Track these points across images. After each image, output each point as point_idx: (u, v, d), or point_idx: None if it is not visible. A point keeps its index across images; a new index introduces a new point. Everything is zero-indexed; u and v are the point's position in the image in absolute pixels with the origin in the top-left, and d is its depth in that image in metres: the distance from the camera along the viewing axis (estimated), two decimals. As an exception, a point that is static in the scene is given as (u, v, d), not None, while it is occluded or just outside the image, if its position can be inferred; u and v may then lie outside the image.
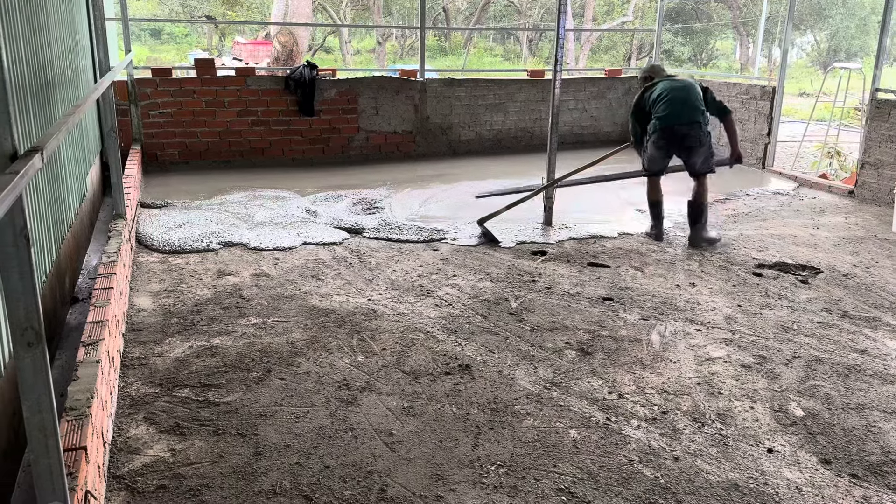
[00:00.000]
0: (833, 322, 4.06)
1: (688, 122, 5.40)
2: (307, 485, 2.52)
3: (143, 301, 4.14)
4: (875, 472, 2.69)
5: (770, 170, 8.40)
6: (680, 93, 5.50)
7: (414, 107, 8.76)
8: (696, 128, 5.40)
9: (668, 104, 5.46)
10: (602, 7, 27.32)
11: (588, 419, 2.99)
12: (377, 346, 3.63)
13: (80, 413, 2.34)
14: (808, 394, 3.25)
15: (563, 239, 5.56)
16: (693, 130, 5.40)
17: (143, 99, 7.59)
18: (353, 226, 5.72)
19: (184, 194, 6.59)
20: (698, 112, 5.43)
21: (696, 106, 5.44)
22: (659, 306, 4.23)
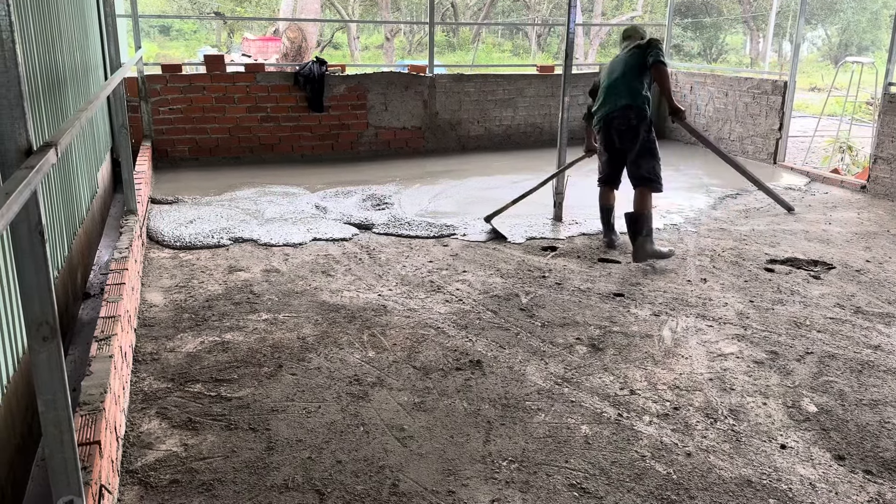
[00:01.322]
0: (846, 318, 4.04)
1: (617, 108, 4.93)
2: (319, 479, 2.52)
3: (154, 296, 4.15)
4: (889, 468, 2.67)
5: (781, 165, 8.35)
6: (612, 74, 5.03)
7: (423, 102, 8.75)
8: (626, 110, 4.88)
9: (602, 91, 5.10)
10: (611, 1, 27.21)
11: (600, 415, 2.98)
12: (388, 341, 3.63)
13: (94, 408, 2.35)
14: (822, 390, 3.23)
15: (574, 234, 5.54)
16: (621, 113, 4.90)
17: (153, 95, 7.61)
18: (362, 221, 5.72)
19: (194, 190, 6.61)
20: (626, 92, 4.90)
21: (625, 86, 4.91)
22: (670, 302, 4.21)
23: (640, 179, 4.91)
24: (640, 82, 4.91)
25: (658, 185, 4.94)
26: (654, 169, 4.91)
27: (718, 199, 6.73)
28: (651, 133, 4.95)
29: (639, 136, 4.88)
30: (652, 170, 4.90)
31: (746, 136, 8.80)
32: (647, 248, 4.75)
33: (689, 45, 27.02)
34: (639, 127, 4.88)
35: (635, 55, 4.94)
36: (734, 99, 8.94)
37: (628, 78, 4.93)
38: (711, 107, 9.29)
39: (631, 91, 4.90)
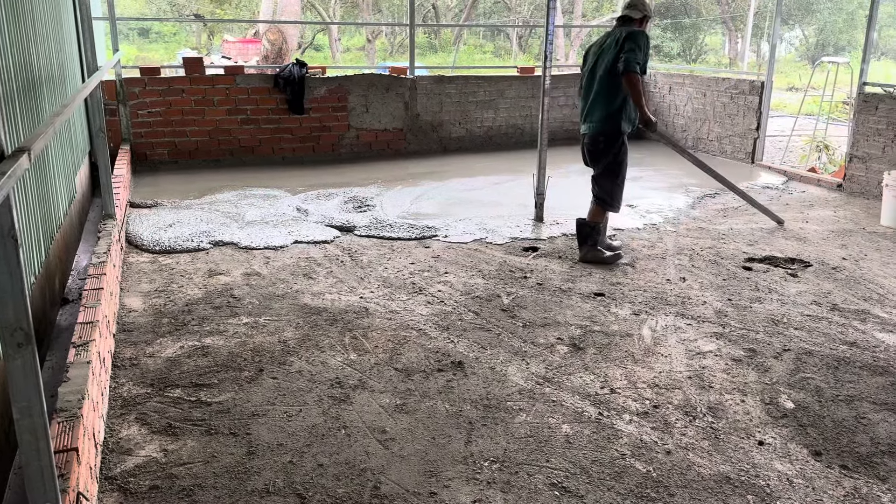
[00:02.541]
0: (823, 315, 4.09)
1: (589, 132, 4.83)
2: (300, 483, 2.52)
3: (133, 301, 4.12)
4: (865, 462, 2.71)
5: (759, 164, 8.44)
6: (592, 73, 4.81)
7: (404, 104, 8.75)
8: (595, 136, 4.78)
9: (582, 99, 4.96)
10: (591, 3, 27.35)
11: (580, 414, 3.00)
12: (369, 343, 3.63)
13: (71, 414, 2.33)
14: (799, 386, 3.27)
15: (555, 235, 5.57)
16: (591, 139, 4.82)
17: (131, 98, 7.55)
18: (344, 224, 5.71)
19: (174, 194, 6.57)
20: (599, 113, 4.73)
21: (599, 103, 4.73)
22: (650, 301, 4.25)
23: (596, 197, 4.97)
24: (614, 100, 4.68)
25: (610, 206, 4.93)
26: (610, 190, 4.88)
27: (697, 198, 6.79)
28: (619, 154, 4.80)
29: (603, 158, 4.82)
30: (608, 191, 4.88)
31: (724, 136, 8.89)
32: (587, 256, 4.93)
33: (669, 46, 27.22)
34: (606, 150, 4.79)
35: (612, 52, 4.63)
36: (712, 99, 9.02)
37: (605, 94, 4.70)
38: (690, 107, 9.37)
39: (607, 114, 4.70)
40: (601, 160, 4.85)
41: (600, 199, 4.93)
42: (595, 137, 4.79)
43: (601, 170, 4.89)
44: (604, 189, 4.90)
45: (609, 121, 4.71)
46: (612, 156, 4.81)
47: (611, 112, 4.70)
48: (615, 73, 4.59)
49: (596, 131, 4.78)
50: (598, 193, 4.94)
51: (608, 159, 4.82)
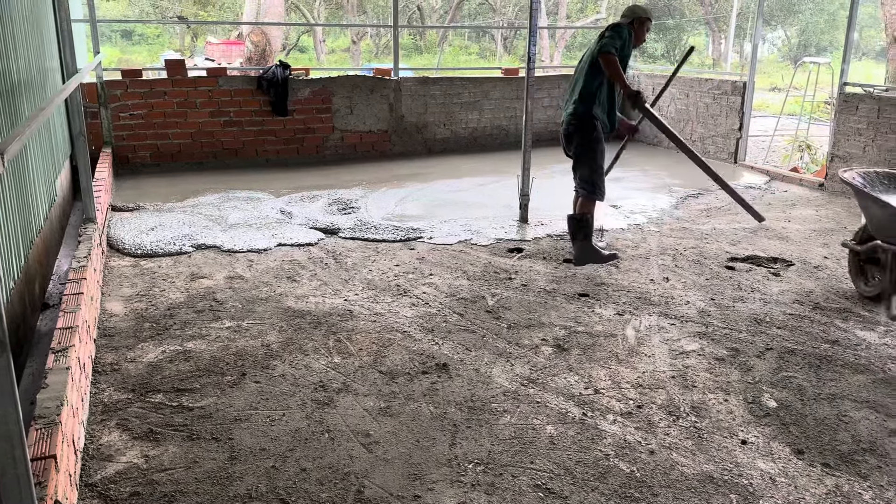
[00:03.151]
0: (805, 314, 4.12)
1: (564, 115, 4.97)
2: (283, 488, 2.50)
3: (114, 306, 4.08)
4: (847, 460, 2.73)
5: (742, 164, 8.50)
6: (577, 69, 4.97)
7: (389, 106, 8.74)
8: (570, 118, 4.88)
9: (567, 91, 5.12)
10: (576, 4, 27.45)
11: (565, 415, 3.00)
12: (354, 346, 3.62)
13: (50, 421, 2.30)
14: (781, 385, 3.29)
15: (540, 236, 5.57)
16: (565, 121, 4.93)
17: (113, 101, 7.48)
18: (328, 226, 5.69)
19: (156, 197, 6.52)
20: (574, 98, 4.87)
21: (577, 91, 4.86)
22: (634, 301, 4.26)
23: (577, 188, 5.02)
24: (591, 82, 4.79)
25: (592, 193, 4.91)
26: (588, 177, 4.89)
27: (681, 198, 6.82)
28: (589, 140, 4.83)
29: (575, 140, 4.88)
30: (587, 178, 4.90)
31: (707, 136, 8.94)
32: (580, 255, 4.91)
33: (653, 47, 27.36)
34: (574, 135, 4.87)
35: (594, 44, 4.81)
36: (695, 100, 9.07)
37: (583, 79, 4.83)
38: (673, 108, 9.42)
39: (580, 96, 4.82)
40: (573, 144, 4.91)
41: (582, 189, 4.96)
42: (569, 121, 4.88)
43: (575, 156, 4.94)
44: (582, 177, 4.94)
45: (581, 103, 4.80)
46: (583, 138, 4.84)
47: (584, 95, 4.79)
48: (592, 66, 4.75)
49: (569, 114, 4.88)
50: (578, 183, 4.98)
51: (578, 141, 4.86)
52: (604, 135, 4.91)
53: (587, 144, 4.87)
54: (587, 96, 4.80)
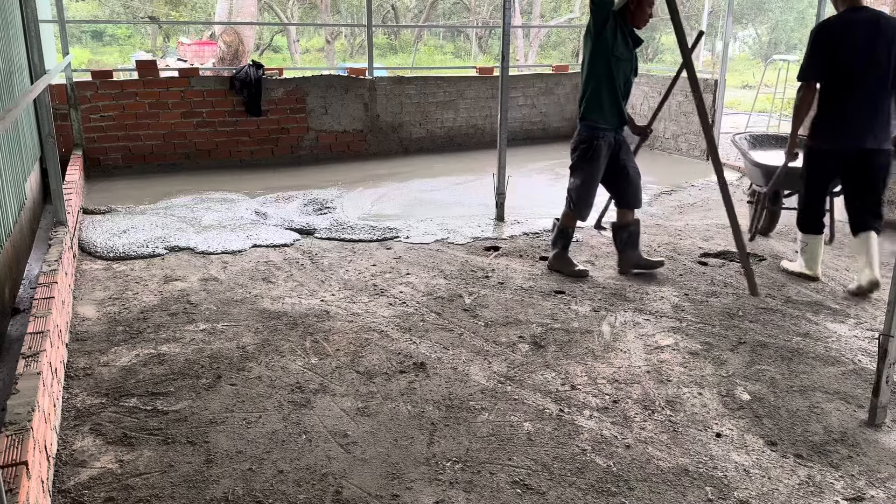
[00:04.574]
0: (777, 307, 4.18)
1: None
2: (260, 490, 2.48)
3: (87, 310, 4.03)
4: (818, 451, 2.78)
5: (715, 161, 8.58)
6: None
7: (364, 105, 8.71)
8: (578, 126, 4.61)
9: None
10: (549, 3, 27.57)
11: (542, 411, 3.02)
12: (331, 347, 3.60)
13: (21, 427, 2.26)
14: (754, 378, 3.33)
15: (516, 234, 5.59)
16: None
17: (83, 102, 7.38)
18: (304, 227, 5.66)
19: (128, 199, 6.43)
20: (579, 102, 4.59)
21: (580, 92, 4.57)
22: (609, 297, 4.29)
23: None
24: (586, 84, 4.44)
25: (572, 208, 4.63)
26: (572, 192, 4.61)
27: (654, 195, 6.89)
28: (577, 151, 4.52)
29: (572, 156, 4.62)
30: (571, 192, 4.63)
31: (680, 134, 9.03)
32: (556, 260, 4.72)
33: (626, 46, 27.53)
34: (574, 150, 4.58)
35: None
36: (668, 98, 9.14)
37: (581, 82, 4.50)
38: (646, 106, 9.49)
39: (584, 104, 4.48)
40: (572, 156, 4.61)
41: (567, 200, 4.68)
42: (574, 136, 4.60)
43: (570, 167, 4.66)
44: (569, 190, 4.66)
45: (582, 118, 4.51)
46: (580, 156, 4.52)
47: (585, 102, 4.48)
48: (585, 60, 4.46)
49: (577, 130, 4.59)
50: (567, 194, 4.68)
51: (575, 158, 4.56)
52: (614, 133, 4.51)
53: (582, 161, 4.51)
54: (587, 104, 4.44)
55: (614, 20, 4.30)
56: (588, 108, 4.44)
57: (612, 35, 4.30)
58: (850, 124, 4.24)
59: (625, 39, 4.38)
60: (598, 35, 4.30)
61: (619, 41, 4.34)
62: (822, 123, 4.35)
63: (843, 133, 4.26)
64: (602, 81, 4.37)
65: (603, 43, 4.31)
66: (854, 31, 4.19)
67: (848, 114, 4.24)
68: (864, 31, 4.17)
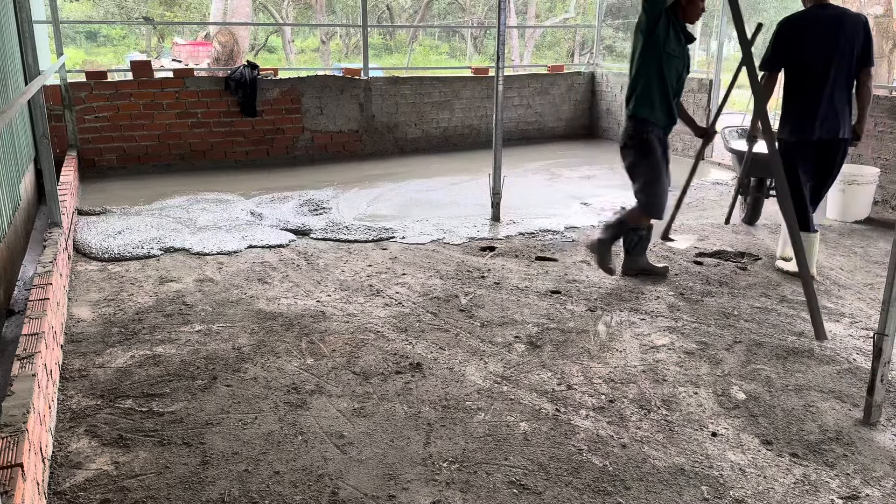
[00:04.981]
0: (772, 307, 4.19)
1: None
2: (256, 492, 2.48)
3: (82, 311, 4.02)
4: (814, 450, 2.79)
5: (709, 161, 8.61)
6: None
7: (359, 105, 8.71)
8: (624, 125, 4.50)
9: None
10: (545, 4, 27.59)
11: (538, 411, 3.02)
12: (327, 347, 3.60)
13: (16, 429, 2.25)
14: (750, 377, 3.34)
15: (512, 234, 5.59)
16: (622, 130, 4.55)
17: (77, 103, 7.36)
18: (299, 227, 5.66)
19: (123, 200, 6.42)
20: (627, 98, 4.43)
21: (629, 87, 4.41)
22: (605, 297, 4.30)
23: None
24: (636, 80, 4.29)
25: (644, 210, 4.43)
26: (638, 192, 4.43)
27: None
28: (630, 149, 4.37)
29: (626, 159, 4.45)
30: (638, 192, 4.43)
31: (675, 134, 9.02)
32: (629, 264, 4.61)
33: (621, 46, 27.61)
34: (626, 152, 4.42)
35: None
36: (663, 97, 9.16)
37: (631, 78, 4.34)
38: (642, 105, 9.50)
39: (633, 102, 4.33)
40: (626, 159, 4.47)
41: (636, 199, 4.48)
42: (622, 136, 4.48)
43: (629, 171, 4.50)
44: (636, 190, 4.44)
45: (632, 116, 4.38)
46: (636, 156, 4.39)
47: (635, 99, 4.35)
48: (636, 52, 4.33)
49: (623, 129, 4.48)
50: (634, 194, 4.48)
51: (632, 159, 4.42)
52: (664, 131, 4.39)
53: (639, 159, 4.36)
54: (638, 101, 4.29)
55: (666, 16, 4.18)
56: (638, 105, 4.29)
57: (665, 32, 4.18)
58: (812, 116, 4.36)
59: (677, 36, 4.25)
60: (650, 32, 4.18)
61: (672, 38, 4.21)
62: (787, 116, 4.49)
63: (807, 124, 4.38)
64: (653, 79, 4.24)
65: (655, 40, 4.18)
66: (816, 27, 4.33)
67: (810, 106, 4.36)
68: (826, 27, 4.30)
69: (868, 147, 6.54)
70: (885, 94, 7.00)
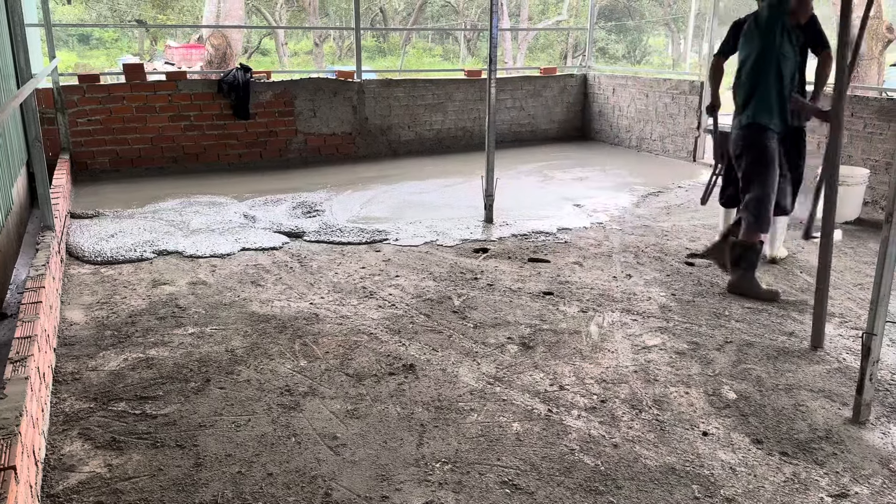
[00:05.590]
0: (762, 307, 4.21)
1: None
2: (250, 493, 2.49)
3: (75, 314, 4.01)
4: (804, 449, 2.81)
5: (700, 162, 8.65)
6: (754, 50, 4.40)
7: (352, 108, 8.72)
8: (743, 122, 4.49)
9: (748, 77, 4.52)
10: (537, 6, 27.67)
11: (530, 412, 3.03)
12: (320, 350, 3.61)
13: (9, 432, 2.26)
14: (740, 377, 3.37)
15: (505, 236, 5.61)
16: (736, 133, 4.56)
17: (70, 107, 7.35)
18: (293, 230, 5.66)
19: (116, 203, 6.42)
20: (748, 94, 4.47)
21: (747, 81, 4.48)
22: (597, 298, 4.32)
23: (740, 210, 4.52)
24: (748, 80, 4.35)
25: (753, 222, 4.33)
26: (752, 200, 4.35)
27: (642, 197, 6.93)
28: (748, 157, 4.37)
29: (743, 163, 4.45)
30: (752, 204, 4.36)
31: (667, 136, 9.09)
32: (737, 282, 4.37)
33: (614, 48, 27.71)
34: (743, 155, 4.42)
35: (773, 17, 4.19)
36: (654, 100, 9.22)
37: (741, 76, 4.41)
38: (633, 108, 9.55)
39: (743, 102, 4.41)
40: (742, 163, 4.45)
41: (746, 215, 4.37)
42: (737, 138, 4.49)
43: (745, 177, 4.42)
44: (748, 203, 4.36)
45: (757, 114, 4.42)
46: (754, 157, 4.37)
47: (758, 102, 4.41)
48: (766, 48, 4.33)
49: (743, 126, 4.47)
50: (744, 208, 4.39)
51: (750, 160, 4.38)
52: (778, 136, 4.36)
53: (758, 166, 4.28)
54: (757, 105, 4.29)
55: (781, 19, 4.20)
56: (758, 111, 4.27)
57: (781, 35, 4.18)
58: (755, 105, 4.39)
59: (789, 38, 4.22)
60: (768, 33, 4.16)
61: (785, 40, 4.21)
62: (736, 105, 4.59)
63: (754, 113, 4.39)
64: (772, 85, 4.22)
65: (772, 42, 4.17)
66: (759, 25, 4.40)
67: (755, 96, 4.39)
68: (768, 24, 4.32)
69: (858, 148, 6.58)
70: (874, 96, 7.06)
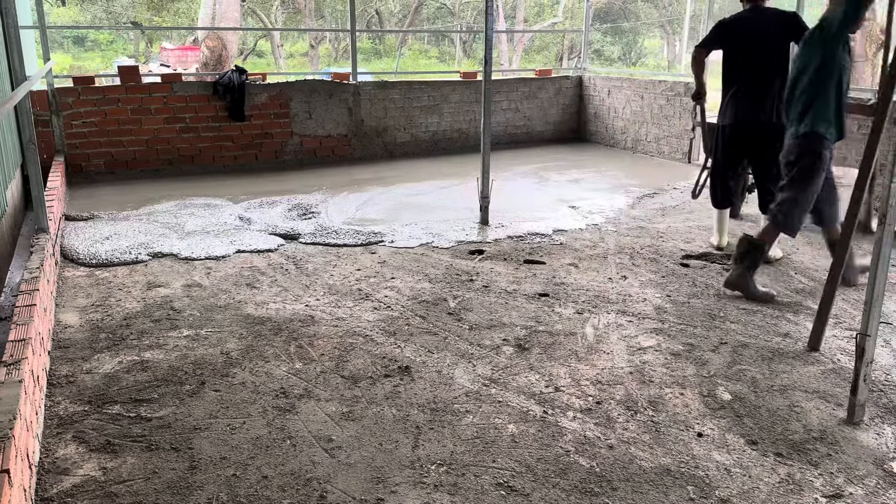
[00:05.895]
0: (757, 308, 4.22)
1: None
2: (244, 496, 2.48)
3: (69, 317, 4.00)
4: (798, 449, 2.82)
5: (696, 164, 8.66)
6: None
7: (348, 110, 8.72)
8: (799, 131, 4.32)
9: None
10: (533, 8, 27.70)
11: (526, 413, 3.04)
12: (315, 352, 3.61)
13: (3, 435, 2.25)
14: (735, 378, 3.37)
15: (500, 237, 5.62)
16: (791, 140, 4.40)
17: (64, 109, 7.34)
18: (288, 232, 5.66)
19: (110, 205, 6.40)
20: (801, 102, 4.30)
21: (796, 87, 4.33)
22: (592, 300, 4.32)
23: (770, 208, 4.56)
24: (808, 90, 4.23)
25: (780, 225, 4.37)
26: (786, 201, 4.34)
27: (637, 198, 6.94)
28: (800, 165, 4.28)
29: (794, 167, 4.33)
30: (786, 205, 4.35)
31: (662, 137, 9.11)
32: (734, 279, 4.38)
33: (609, 50, 27.75)
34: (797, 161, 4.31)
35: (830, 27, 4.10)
36: (650, 101, 9.24)
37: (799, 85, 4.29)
38: (629, 110, 9.57)
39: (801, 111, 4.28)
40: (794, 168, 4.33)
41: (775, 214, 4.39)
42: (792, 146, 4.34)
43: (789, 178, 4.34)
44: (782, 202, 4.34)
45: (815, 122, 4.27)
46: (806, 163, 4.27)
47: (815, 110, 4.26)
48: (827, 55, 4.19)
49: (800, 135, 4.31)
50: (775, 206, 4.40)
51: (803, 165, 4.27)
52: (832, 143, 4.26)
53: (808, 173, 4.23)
54: (816, 115, 4.17)
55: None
56: (816, 121, 4.18)
57: (843, 46, 4.13)
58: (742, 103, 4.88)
59: (847, 49, 4.18)
60: (831, 42, 4.09)
61: (845, 51, 4.17)
62: (723, 103, 5.04)
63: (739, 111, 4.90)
64: (831, 95, 4.16)
65: (833, 51, 4.10)
66: (746, 24, 4.85)
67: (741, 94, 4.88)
68: (755, 24, 4.80)
69: (852, 150, 6.60)
70: (868, 98, 7.08)
